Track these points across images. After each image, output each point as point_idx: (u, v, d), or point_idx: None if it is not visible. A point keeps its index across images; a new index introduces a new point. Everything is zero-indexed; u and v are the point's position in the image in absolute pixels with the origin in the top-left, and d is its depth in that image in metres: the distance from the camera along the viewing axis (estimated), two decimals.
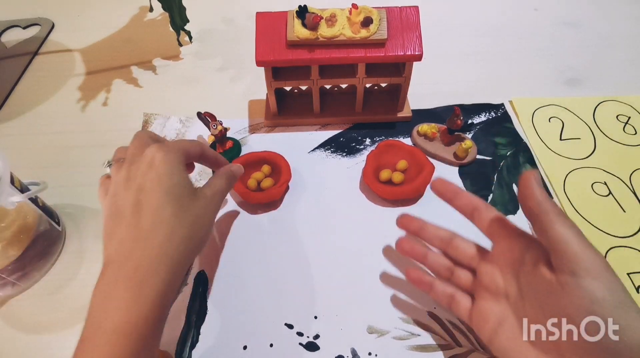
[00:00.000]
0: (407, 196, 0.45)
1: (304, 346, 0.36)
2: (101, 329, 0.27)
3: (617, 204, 0.45)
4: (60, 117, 0.55)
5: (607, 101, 0.55)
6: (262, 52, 0.45)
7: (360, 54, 0.45)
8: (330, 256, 0.41)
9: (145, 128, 0.53)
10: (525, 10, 0.70)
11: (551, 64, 0.60)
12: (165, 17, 0.67)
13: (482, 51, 0.63)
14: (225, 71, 0.61)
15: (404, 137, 0.51)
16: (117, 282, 0.28)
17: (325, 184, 0.47)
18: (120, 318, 0.27)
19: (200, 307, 0.38)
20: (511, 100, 0.55)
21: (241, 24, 0.69)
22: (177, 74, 0.61)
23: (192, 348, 0.36)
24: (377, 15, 0.45)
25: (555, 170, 0.48)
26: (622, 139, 0.51)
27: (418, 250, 0.36)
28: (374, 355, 0.36)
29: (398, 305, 0.38)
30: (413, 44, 0.45)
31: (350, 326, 0.37)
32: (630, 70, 0.59)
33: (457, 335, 0.37)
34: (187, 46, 0.64)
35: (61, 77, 0.60)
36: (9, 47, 0.66)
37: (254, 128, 0.53)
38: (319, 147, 0.51)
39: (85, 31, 0.67)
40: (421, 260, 0.36)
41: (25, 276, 0.39)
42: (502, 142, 0.51)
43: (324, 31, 0.44)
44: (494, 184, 0.47)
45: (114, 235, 0.30)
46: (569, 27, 0.66)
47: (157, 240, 0.29)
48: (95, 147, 0.52)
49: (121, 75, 0.61)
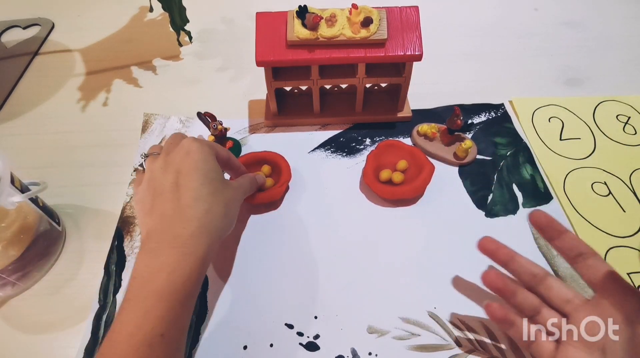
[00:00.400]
0: (407, 196, 0.45)
1: (304, 346, 0.36)
2: (146, 289, 0.30)
3: (617, 204, 0.45)
4: (61, 117, 0.55)
5: (607, 101, 0.55)
6: (262, 52, 0.45)
7: (360, 54, 0.45)
8: (331, 256, 0.41)
9: (145, 128, 0.53)
10: (525, 10, 0.70)
11: (551, 64, 0.60)
12: (165, 17, 0.67)
13: (482, 51, 0.63)
14: (225, 71, 0.61)
15: (404, 137, 0.51)
16: (161, 247, 0.31)
17: (325, 184, 0.47)
18: (164, 279, 0.30)
19: (200, 307, 0.38)
20: (511, 100, 0.55)
21: (241, 24, 0.69)
22: (177, 74, 0.61)
23: (192, 348, 0.36)
24: (377, 15, 0.45)
25: (555, 170, 0.48)
26: (622, 139, 0.51)
27: (510, 287, 0.34)
28: (374, 355, 0.36)
29: (398, 305, 0.38)
30: (413, 44, 0.45)
31: (350, 326, 0.37)
32: (630, 70, 0.59)
33: (457, 335, 0.37)
34: (187, 46, 0.64)
35: (61, 77, 0.60)
36: (9, 47, 0.66)
37: (254, 128, 0.53)
38: (319, 147, 0.51)
39: (85, 31, 0.67)
40: (509, 297, 0.34)
41: (26, 276, 0.40)
42: (502, 142, 0.51)
43: (324, 31, 0.44)
44: (494, 184, 0.47)
45: (153, 210, 0.33)
46: (569, 27, 0.66)
47: (196, 214, 0.32)
48: (95, 147, 0.52)
49: (121, 75, 0.61)
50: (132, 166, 0.49)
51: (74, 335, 0.37)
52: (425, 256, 0.41)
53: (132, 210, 0.45)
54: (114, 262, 0.42)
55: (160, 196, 0.33)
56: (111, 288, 0.40)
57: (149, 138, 0.52)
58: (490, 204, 0.45)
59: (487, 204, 0.45)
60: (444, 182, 0.47)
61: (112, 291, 0.40)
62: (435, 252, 0.42)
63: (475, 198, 0.46)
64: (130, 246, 0.43)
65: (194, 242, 0.32)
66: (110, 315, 0.38)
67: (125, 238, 0.43)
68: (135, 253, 0.42)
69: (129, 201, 0.46)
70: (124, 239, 0.43)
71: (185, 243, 0.31)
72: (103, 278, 0.40)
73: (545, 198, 0.45)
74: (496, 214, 0.44)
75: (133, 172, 0.48)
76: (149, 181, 0.35)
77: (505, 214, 0.44)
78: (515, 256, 0.35)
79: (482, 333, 0.37)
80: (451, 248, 0.42)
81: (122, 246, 0.43)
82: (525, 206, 0.45)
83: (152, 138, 0.52)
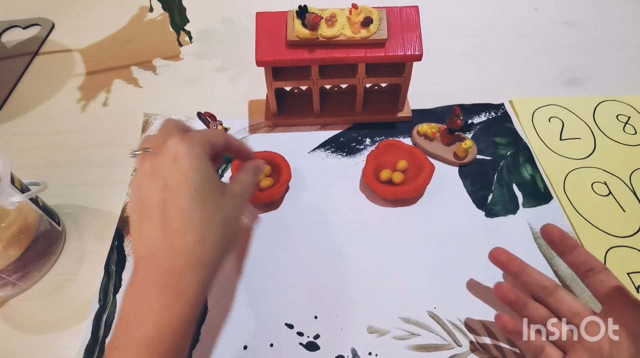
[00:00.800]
0: (407, 196, 0.45)
1: (304, 346, 0.36)
2: (131, 338, 0.26)
3: (617, 204, 0.45)
4: (61, 117, 0.55)
5: (607, 101, 0.55)
6: (262, 52, 0.45)
7: (360, 54, 0.45)
8: (330, 256, 0.41)
9: (145, 128, 0.53)
10: (525, 10, 0.70)
11: (551, 64, 0.60)
12: (165, 17, 0.67)
13: (482, 51, 0.63)
14: (225, 71, 0.61)
15: (404, 137, 0.51)
16: (148, 287, 0.27)
17: (325, 184, 0.47)
18: (151, 325, 0.26)
19: None
20: (511, 100, 0.55)
21: (241, 24, 0.69)
22: (177, 74, 0.61)
23: (192, 348, 0.36)
24: (377, 15, 0.45)
25: (555, 170, 0.48)
26: (622, 139, 0.51)
27: (521, 300, 0.34)
28: (374, 355, 0.36)
29: (398, 305, 0.38)
30: (413, 44, 0.45)
31: (350, 326, 0.37)
32: (630, 70, 0.59)
33: (457, 335, 0.37)
34: (187, 46, 0.64)
35: (61, 77, 0.60)
36: (9, 47, 0.66)
37: (254, 128, 0.53)
38: (319, 147, 0.51)
39: (85, 31, 0.67)
40: (520, 309, 0.34)
41: (26, 276, 0.40)
42: (502, 142, 0.51)
43: (324, 31, 0.44)
44: (494, 184, 0.47)
45: (142, 234, 0.29)
46: (569, 27, 0.66)
47: (186, 245, 0.28)
48: (96, 147, 0.52)
49: (121, 75, 0.61)
50: (132, 166, 0.49)
51: (74, 335, 0.37)
52: (425, 256, 0.41)
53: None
54: (114, 262, 0.42)
55: (148, 218, 0.28)
56: (111, 288, 0.40)
57: None
58: (490, 204, 0.45)
59: (487, 204, 0.45)
60: (444, 182, 0.47)
61: (112, 291, 0.40)
62: (435, 252, 0.42)
63: (475, 198, 0.46)
64: (130, 246, 0.43)
65: (184, 280, 0.27)
66: (110, 315, 0.38)
67: (125, 238, 0.43)
68: None
69: (129, 201, 0.46)
70: (124, 239, 0.43)
71: (174, 281, 0.27)
72: (103, 278, 0.40)
73: (545, 198, 0.45)
74: (496, 214, 0.44)
75: (133, 172, 0.48)
76: (137, 190, 0.30)
77: (505, 214, 0.44)
78: (526, 268, 0.35)
79: (482, 333, 0.37)
80: (451, 248, 0.42)
81: (122, 246, 0.43)
82: (525, 206, 0.45)
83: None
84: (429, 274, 0.40)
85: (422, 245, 0.42)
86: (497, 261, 0.36)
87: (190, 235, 0.28)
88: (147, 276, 0.28)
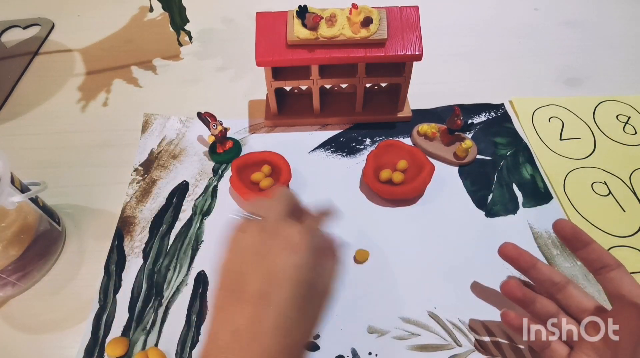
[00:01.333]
0: (407, 196, 0.45)
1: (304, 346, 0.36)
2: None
3: (617, 204, 0.45)
4: (60, 117, 0.55)
5: (607, 101, 0.55)
6: (262, 52, 0.45)
7: (360, 54, 0.45)
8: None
9: (145, 128, 0.53)
10: (525, 10, 0.70)
11: (551, 64, 0.60)
12: (165, 17, 0.67)
13: (483, 51, 0.63)
14: (225, 71, 0.61)
15: (404, 137, 0.51)
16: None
17: (325, 184, 0.47)
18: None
19: (200, 307, 0.38)
20: (511, 100, 0.55)
21: (241, 24, 0.69)
22: (177, 74, 0.61)
23: (192, 348, 0.36)
24: (377, 15, 0.45)
25: (555, 170, 0.48)
26: (622, 139, 0.51)
27: (529, 296, 0.34)
28: (374, 355, 0.36)
29: (398, 305, 0.38)
30: (413, 44, 0.45)
31: (350, 326, 0.37)
32: (630, 70, 0.59)
33: (457, 335, 0.37)
34: (187, 46, 0.64)
35: (61, 77, 0.60)
36: (9, 47, 0.66)
37: (254, 128, 0.53)
38: (319, 147, 0.51)
39: (85, 31, 0.67)
40: (527, 305, 0.34)
41: (26, 276, 0.40)
42: (502, 142, 0.51)
43: (324, 31, 0.44)
44: (494, 184, 0.47)
45: (229, 318, 0.26)
46: (569, 27, 0.66)
47: (270, 348, 0.25)
48: (96, 147, 0.52)
49: (121, 75, 0.61)
50: (132, 166, 0.49)
51: (74, 335, 0.37)
52: (425, 256, 0.41)
53: (132, 210, 0.45)
54: (114, 262, 0.42)
55: (241, 301, 0.26)
56: (111, 288, 0.40)
57: (149, 138, 0.52)
58: (490, 204, 0.45)
59: (487, 204, 0.45)
60: (444, 182, 0.47)
61: (112, 291, 0.40)
62: (436, 252, 0.42)
63: (475, 197, 0.46)
64: (130, 246, 0.43)
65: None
66: (110, 315, 0.38)
67: (125, 238, 0.43)
68: (135, 253, 0.42)
69: (129, 201, 0.46)
70: (124, 239, 0.43)
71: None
72: (103, 278, 0.40)
73: (545, 197, 0.45)
74: (496, 214, 0.44)
75: (133, 172, 0.48)
76: (235, 264, 0.27)
77: (505, 214, 0.44)
78: (536, 264, 0.34)
79: (482, 333, 0.37)
80: (451, 248, 0.42)
81: (122, 246, 0.43)
82: (525, 206, 0.45)
83: (152, 138, 0.52)
84: (429, 274, 0.40)
85: (422, 245, 0.42)
86: (507, 257, 0.35)
87: (279, 336, 0.25)
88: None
